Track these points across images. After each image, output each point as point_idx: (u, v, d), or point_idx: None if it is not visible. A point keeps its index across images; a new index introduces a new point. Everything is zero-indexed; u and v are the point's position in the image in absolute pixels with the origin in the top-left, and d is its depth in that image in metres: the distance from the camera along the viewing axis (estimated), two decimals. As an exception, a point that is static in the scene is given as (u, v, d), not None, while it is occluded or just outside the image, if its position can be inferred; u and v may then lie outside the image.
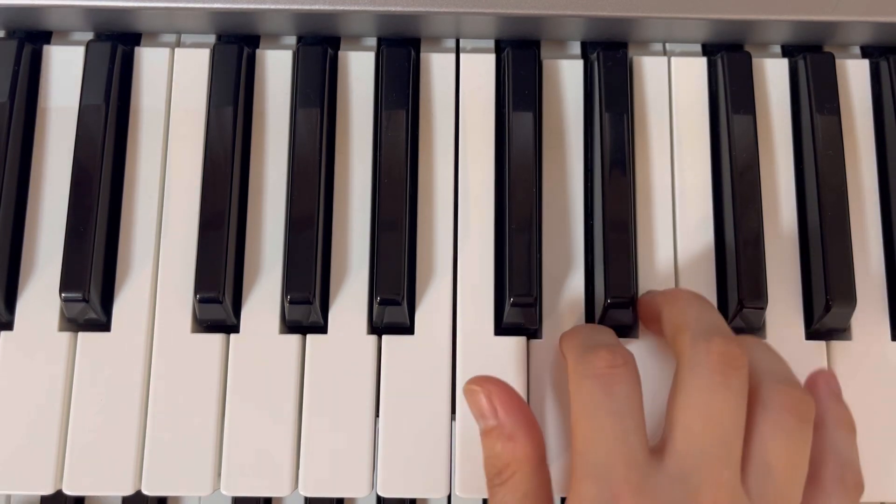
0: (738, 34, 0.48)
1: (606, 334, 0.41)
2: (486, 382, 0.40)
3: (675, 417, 0.37)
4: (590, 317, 0.45)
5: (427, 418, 0.43)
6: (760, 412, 0.37)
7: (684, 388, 0.37)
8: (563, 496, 0.41)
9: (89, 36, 0.48)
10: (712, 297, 0.45)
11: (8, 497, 0.51)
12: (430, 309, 0.44)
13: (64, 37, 0.48)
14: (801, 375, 0.44)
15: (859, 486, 0.39)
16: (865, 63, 0.49)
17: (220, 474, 0.43)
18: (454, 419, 0.44)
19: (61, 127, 0.46)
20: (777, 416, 0.37)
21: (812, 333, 0.45)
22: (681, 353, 0.38)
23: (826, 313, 0.43)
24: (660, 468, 0.36)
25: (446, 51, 0.49)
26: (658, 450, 0.37)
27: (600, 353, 0.38)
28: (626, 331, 0.45)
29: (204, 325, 0.45)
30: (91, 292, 0.43)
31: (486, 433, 0.40)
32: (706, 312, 0.40)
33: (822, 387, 0.42)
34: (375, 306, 0.43)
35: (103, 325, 0.44)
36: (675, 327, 0.40)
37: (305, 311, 0.43)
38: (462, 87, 0.47)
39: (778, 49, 0.49)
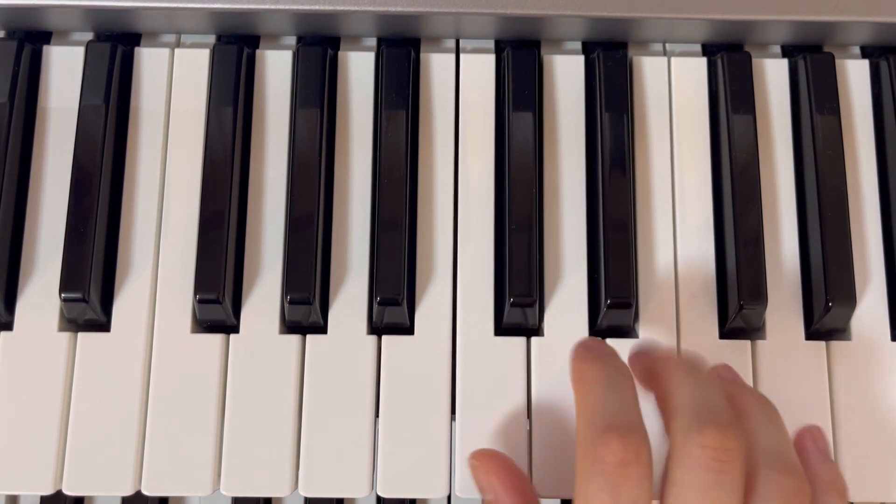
0: (738, 34, 0.48)
1: (622, 398, 0.38)
2: (486, 459, 0.40)
3: None
4: (590, 317, 0.45)
5: (427, 418, 0.43)
6: (756, 501, 0.36)
7: (675, 484, 0.35)
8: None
9: (89, 36, 0.48)
10: (712, 297, 0.45)
11: (14, 497, 0.52)
12: (430, 309, 0.44)
13: (64, 37, 0.48)
14: (802, 376, 0.44)
15: None
16: (865, 63, 0.49)
17: (220, 474, 0.43)
18: (454, 419, 0.44)
19: (61, 127, 0.46)
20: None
21: (812, 333, 0.45)
22: (672, 441, 0.37)
23: (826, 313, 0.43)
24: None
25: (446, 51, 0.49)
26: None
27: (611, 444, 0.35)
28: (626, 331, 0.45)
29: (204, 325, 0.45)
30: (91, 292, 0.43)
31: None
32: (701, 391, 0.38)
33: (811, 448, 0.41)
34: (375, 306, 0.43)
35: (103, 326, 0.44)
36: (668, 408, 0.38)
37: (305, 312, 0.43)
38: (462, 87, 0.47)
39: (778, 49, 0.49)
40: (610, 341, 0.44)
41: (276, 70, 0.48)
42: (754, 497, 0.36)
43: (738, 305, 0.43)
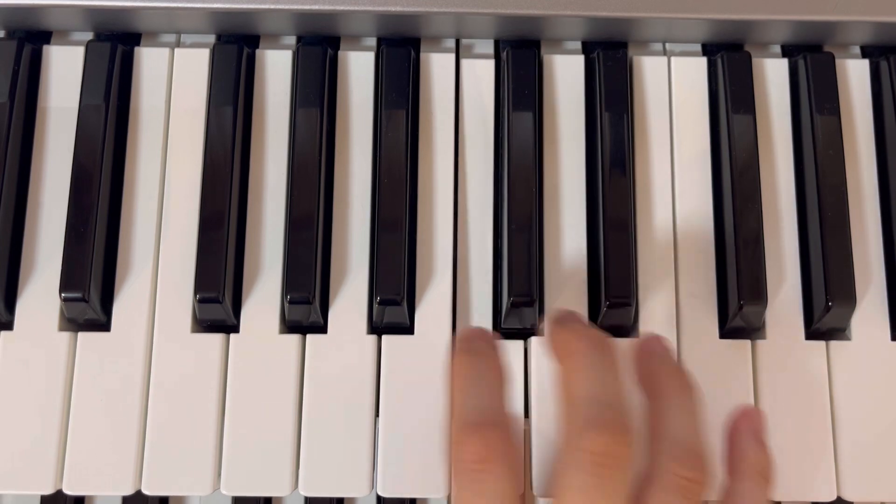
0: (738, 34, 0.48)
1: (486, 394, 0.38)
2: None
3: None
4: (591, 317, 0.45)
5: (427, 418, 0.43)
6: (653, 486, 0.36)
7: (559, 485, 0.35)
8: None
9: (89, 36, 0.48)
10: (712, 297, 0.45)
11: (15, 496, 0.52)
12: (430, 309, 0.44)
13: (64, 37, 0.48)
14: (802, 376, 0.44)
15: None
16: (865, 63, 0.49)
17: (220, 474, 0.43)
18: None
19: (61, 127, 0.46)
20: (665, 496, 0.36)
21: (812, 333, 0.45)
22: (561, 438, 0.37)
23: (826, 313, 0.43)
24: None
25: (446, 51, 0.49)
26: None
27: (471, 444, 0.35)
28: (626, 331, 0.45)
29: (204, 325, 0.45)
30: (91, 292, 0.43)
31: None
32: (602, 386, 0.37)
33: (744, 430, 0.41)
34: (375, 306, 0.43)
35: (103, 325, 0.44)
36: (563, 396, 0.38)
37: (305, 311, 0.43)
38: (462, 87, 0.47)
39: (778, 49, 0.49)
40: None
41: (276, 70, 0.48)
42: (650, 485, 0.36)
43: (738, 305, 0.43)
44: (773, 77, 0.48)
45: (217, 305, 0.43)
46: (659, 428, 0.38)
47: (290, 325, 0.45)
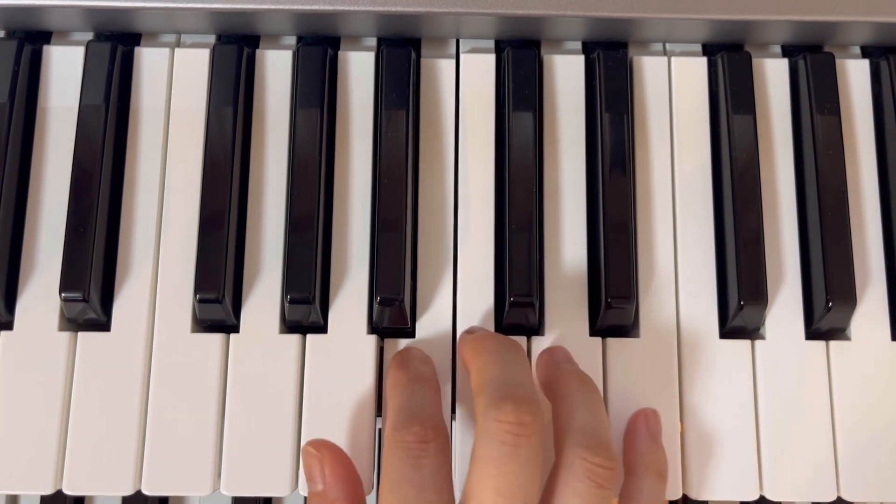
0: (738, 34, 0.48)
1: (424, 393, 0.40)
2: (322, 447, 0.41)
3: (467, 492, 0.37)
4: (591, 317, 0.45)
5: (427, 418, 0.43)
6: (561, 476, 0.37)
7: (475, 460, 0.37)
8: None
9: (89, 36, 0.48)
10: (712, 297, 0.45)
11: (14, 497, 0.52)
12: (430, 309, 0.44)
13: (64, 37, 0.48)
14: (802, 376, 0.44)
15: None
16: (865, 63, 0.49)
17: (220, 474, 0.43)
18: (454, 419, 0.44)
19: (61, 127, 0.46)
20: (576, 482, 0.37)
21: (812, 333, 0.45)
22: (476, 420, 0.38)
23: (826, 313, 0.44)
24: None
25: (446, 51, 0.49)
26: None
27: (413, 428, 0.38)
28: (626, 331, 0.45)
29: (204, 325, 0.45)
30: (91, 292, 0.43)
31: (310, 497, 0.40)
32: (508, 370, 0.39)
33: (641, 430, 0.42)
34: (375, 306, 0.43)
35: (103, 325, 0.44)
36: (475, 387, 0.39)
37: (305, 311, 0.43)
38: (462, 87, 0.47)
39: (778, 49, 0.49)
40: (610, 341, 0.44)
41: (276, 70, 0.48)
42: (559, 472, 0.37)
43: (738, 305, 0.43)
44: (773, 77, 0.48)
45: (217, 305, 0.43)
46: (565, 424, 0.39)
47: (290, 325, 0.45)
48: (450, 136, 0.47)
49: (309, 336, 0.44)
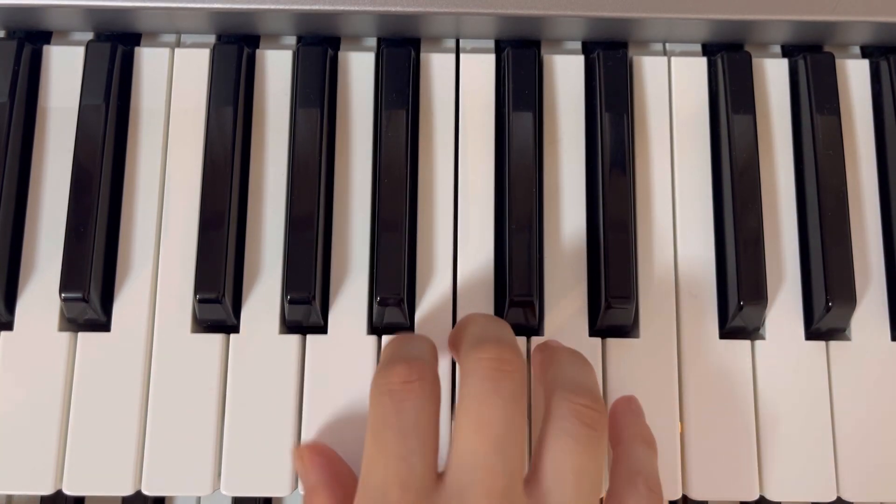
0: (738, 34, 0.48)
1: (414, 344, 0.40)
2: (303, 447, 0.42)
3: (453, 433, 0.37)
4: (591, 317, 0.45)
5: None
6: (549, 422, 0.37)
7: (460, 399, 0.37)
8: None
9: (89, 36, 0.48)
10: (712, 297, 0.45)
11: (9, 497, 0.52)
12: (431, 309, 0.44)
13: (64, 37, 0.48)
14: (802, 376, 0.44)
15: (658, 497, 0.39)
16: (865, 63, 0.49)
17: (220, 474, 0.43)
18: (454, 419, 0.44)
19: (61, 127, 0.46)
20: (563, 422, 0.36)
21: (812, 333, 0.45)
22: (459, 365, 0.38)
23: (826, 313, 0.43)
24: (439, 487, 0.36)
25: (446, 51, 0.49)
26: (445, 469, 0.37)
27: (396, 367, 0.37)
28: (626, 331, 0.45)
29: (204, 325, 0.45)
30: (91, 292, 0.43)
31: (304, 496, 0.41)
32: (489, 327, 0.39)
33: (623, 406, 0.42)
34: (375, 306, 0.43)
35: (103, 325, 0.44)
36: (457, 343, 0.40)
37: (305, 312, 0.43)
38: (462, 87, 0.47)
39: (778, 49, 0.49)
40: (610, 341, 0.44)
41: (276, 70, 0.48)
42: (548, 418, 0.37)
43: (738, 305, 0.43)
44: (773, 77, 0.48)
45: (217, 306, 0.43)
46: (553, 381, 0.39)
47: (290, 326, 0.45)
48: (450, 136, 0.47)
49: (309, 336, 0.44)
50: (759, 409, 0.44)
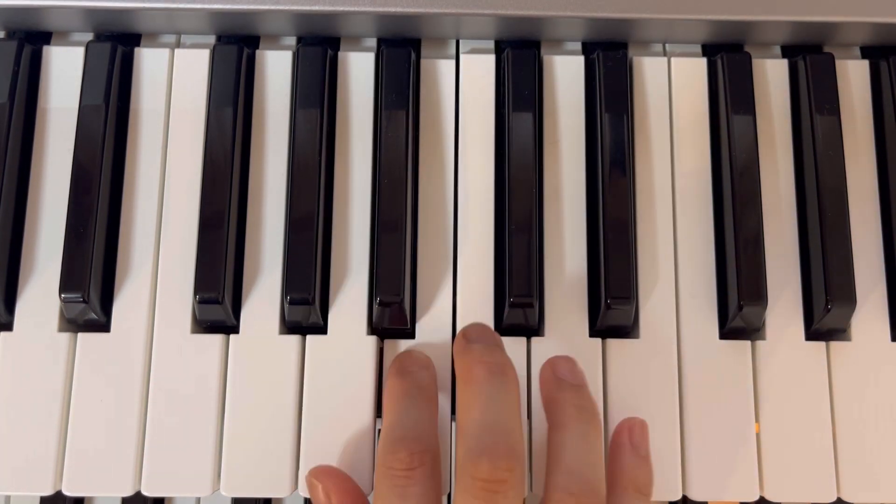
0: (738, 34, 0.48)
1: (418, 413, 0.40)
2: (324, 477, 0.41)
3: None
4: (591, 317, 0.45)
5: (427, 418, 0.43)
6: None
7: None
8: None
9: (89, 36, 0.48)
10: (712, 297, 0.45)
11: (7, 497, 0.51)
12: (430, 309, 0.44)
13: (64, 37, 0.48)
14: (802, 376, 0.44)
15: None
16: (865, 63, 0.49)
17: (219, 475, 0.43)
18: (454, 419, 0.44)
19: (61, 127, 0.46)
20: None
21: (812, 333, 0.45)
22: (456, 462, 0.38)
23: (826, 313, 0.43)
24: None
25: (446, 52, 0.49)
26: None
27: (400, 454, 0.38)
28: (626, 331, 0.45)
29: (204, 325, 0.45)
30: (91, 293, 0.43)
31: None
32: (491, 411, 0.38)
33: (625, 444, 0.41)
34: (375, 307, 0.43)
35: (103, 326, 0.44)
36: (460, 418, 0.39)
37: (305, 312, 0.43)
38: (462, 87, 0.47)
39: (778, 49, 0.49)
40: (610, 342, 0.44)
41: (276, 70, 0.48)
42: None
43: (738, 305, 0.43)
44: (773, 77, 0.48)
45: (217, 306, 0.43)
46: (555, 459, 0.38)
47: (290, 326, 0.45)
48: (450, 136, 0.47)
49: (309, 337, 0.44)
50: (759, 410, 0.44)
